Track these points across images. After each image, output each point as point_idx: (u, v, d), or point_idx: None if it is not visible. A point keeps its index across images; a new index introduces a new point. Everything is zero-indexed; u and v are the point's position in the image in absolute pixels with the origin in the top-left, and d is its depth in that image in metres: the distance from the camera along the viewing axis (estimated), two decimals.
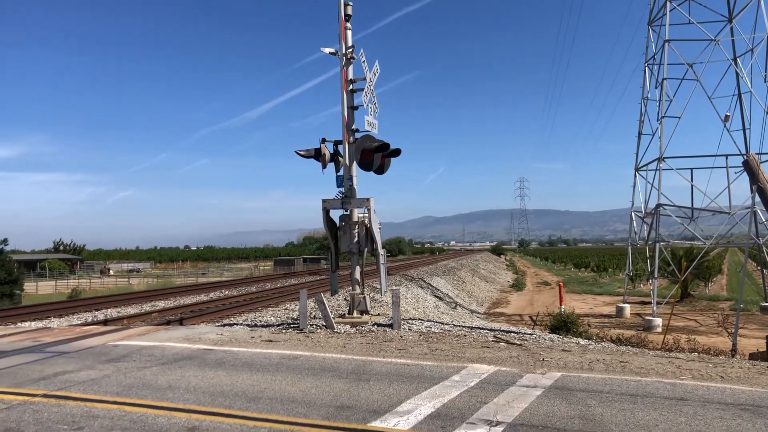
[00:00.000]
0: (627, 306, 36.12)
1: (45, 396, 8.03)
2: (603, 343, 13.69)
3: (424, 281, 43.96)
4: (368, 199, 14.95)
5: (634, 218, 37.62)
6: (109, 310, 23.34)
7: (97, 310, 23.32)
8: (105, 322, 18.69)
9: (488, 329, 15.08)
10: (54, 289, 59.54)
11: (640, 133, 36.93)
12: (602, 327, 28.26)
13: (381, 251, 15.24)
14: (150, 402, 7.59)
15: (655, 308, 31.48)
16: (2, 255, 42.33)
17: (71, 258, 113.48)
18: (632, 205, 37.59)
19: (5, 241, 46.03)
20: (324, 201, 15.27)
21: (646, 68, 36.63)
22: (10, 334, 14.60)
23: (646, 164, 36.12)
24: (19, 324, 18.44)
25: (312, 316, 16.57)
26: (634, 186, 37.23)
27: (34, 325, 18.09)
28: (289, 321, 17.00)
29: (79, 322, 19.04)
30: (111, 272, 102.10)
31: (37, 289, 58.92)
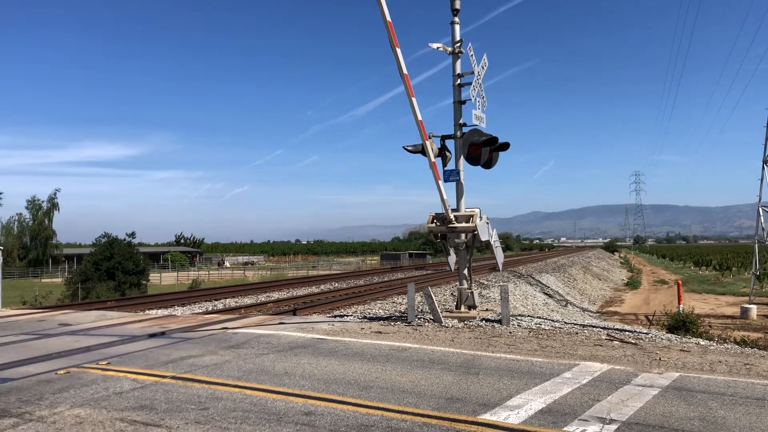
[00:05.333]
0: (753, 307, 33.90)
1: (173, 378, 8.62)
2: (725, 345, 12.97)
3: (533, 278, 43.20)
4: (471, 217, 14.88)
5: (761, 213, 35.25)
6: (227, 300, 24.55)
7: (216, 299, 24.60)
8: (224, 311, 19.69)
9: (601, 327, 14.66)
10: (176, 279, 63.25)
11: None
12: (725, 328, 26.74)
13: (494, 239, 15.38)
14: (268, 387, 7.98)
15: None
16: (130, 247, 45.57)
17: (191, 251, 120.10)
18: (759, 199, 35.23)
19: (133, 235, 49.52)
20: (430, 225, 15.38)
21: None
22: (140, 321, 15.71)
23: None
24: (147, 311, 19.77)
25: (419, 310, 16.74)
26: (762, 179, 34.88)
27: (160, 312, 19.34)
28: (397, 314, 17.25)
29: (200, 311, 20.17)
30: (227, 264, 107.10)
31: (161, 279, 62.83)
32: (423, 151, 15.18)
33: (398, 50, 12.83)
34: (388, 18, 12.42)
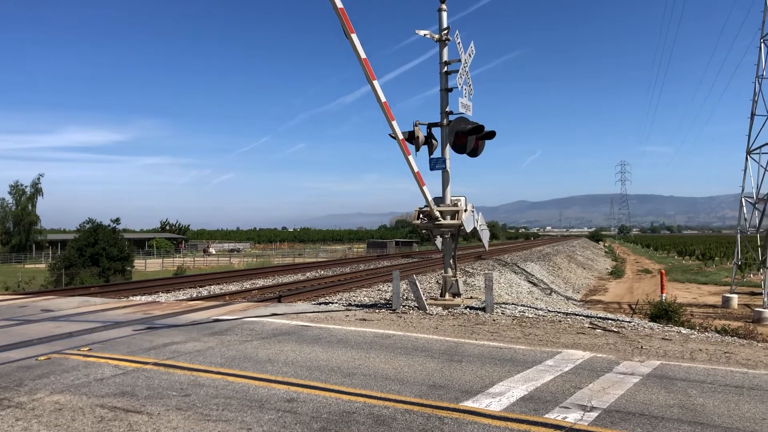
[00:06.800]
0: (734, 296, 34.26)
1: (155, 364, 8.57)
2: (707, 333, 13.12)
3: (518, 267, 43.40)
4: (457, 213, 14.92)
5: (744, 204, 35.56)
6: (212, 286, 24.45)
7: (200, 286, 24.48)
8: (208, 298, 19.60)
9: (584, 316, 14.76)
10: (161, 266, 62.94)
11: (753, 114, 34.73)
12: (706, 317, 27.00)
13: (479, 223, 15.74)
14: (251, 374, 7.95)
15: (766, 299, 29.73)
16: (115, 233, 45.22)
17: (176, 237, 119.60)
18: (743, 190, 35.51)
19: (117, 221, 49.09)
20: (416, 222, 15.39)
21: (762, 44, 34.34)
22: (123, 307, 15.61)
23: (759, 147, 33.97)
24: (131, 298, 19.64)
25: (404, 297, 16.76)
26: (745, 170, 35.14)
27: (144, 299, 19.23)
28: (382, 301, 17.26)
29: (184, 297, 20.07)
30: (213, 251, 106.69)
31: (146, 266, 62.54)
32: (410, 139, 15.13)
33: (375, 82, 12.70)
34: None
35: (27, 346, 10.02)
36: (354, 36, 12.00)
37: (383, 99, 13.01)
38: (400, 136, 13.65)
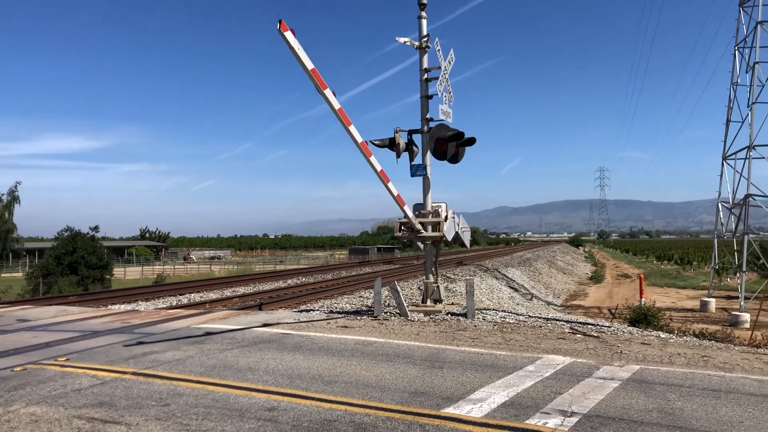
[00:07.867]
0: (712, 300, 34.70)
1: (134, 374, 8.48)
2: (685, 337, 13.25)
3: (499, 272, 43.57)
4: (438, 225, 15.01)
5: (721, 209, 36.04)
6: (192, 294, 24.27)
7: (180, 294, 24.29)
8: (188, 306, 19.45)
9: (564, 321, 14.86)
10: (141, 274, 62.30)
11: (728, 120, 35.26)
12: (685, 321, 27.31)
13: (460, 226, 16.00)
14: (231, 382, 7.89)
15: (743, 303, 30.11)
16: (94, 241, 44.67)
17: (156, 245, 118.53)
18: (719, 195, 35.99)
19: (96, 228, 48.54)
20: (397, 234, 15.46)
21: (737, 52, 34.89)
22: (102, 316, 15.43)
23: (735, 153, 34.48)
24: (110, 306, 19.44)
25: (386, 304, 16.76)
26: (721, 175, 35.64)
27: (123, 307, 19.03)
28: (364, 308, 17.24)
29: (164, 306, 19.90)
30: (193, 259, 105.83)
31: (125, 274, 61.84)
32: (390, 146, 15.16)
33: (351, 128, 12.74)
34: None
35: (2, 357, 9.86)
36: (327, 91, 12.02)
37: (359, 140, 13.12)
38: (379, 168, 13.69)
